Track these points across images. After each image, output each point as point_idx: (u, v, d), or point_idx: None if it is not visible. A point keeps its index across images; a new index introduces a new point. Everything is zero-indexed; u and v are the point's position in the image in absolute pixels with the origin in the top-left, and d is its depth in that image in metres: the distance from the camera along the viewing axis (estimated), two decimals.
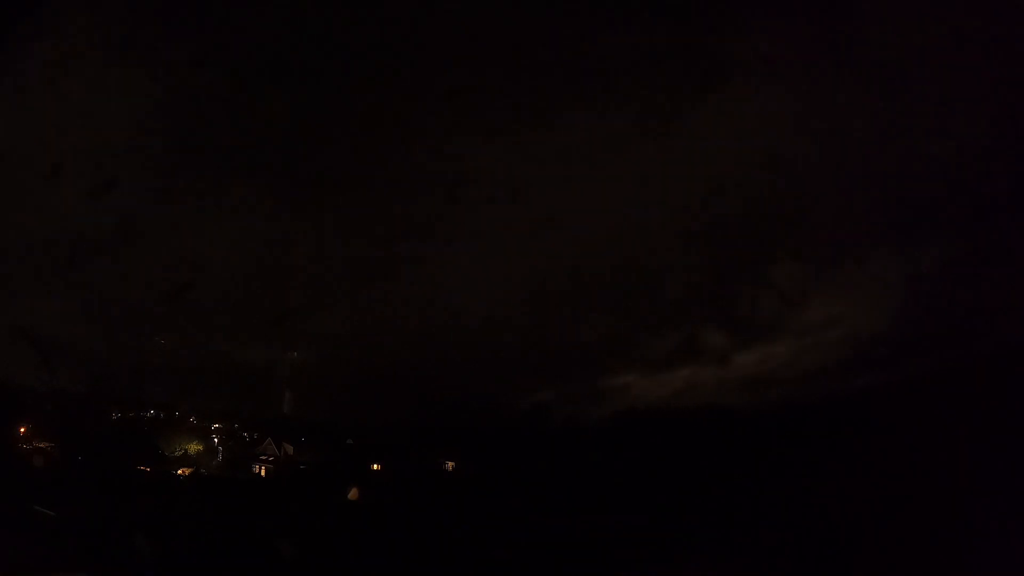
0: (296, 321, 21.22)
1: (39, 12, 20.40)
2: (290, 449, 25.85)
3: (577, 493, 17.33)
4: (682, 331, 19.94)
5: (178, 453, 25.25)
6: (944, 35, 18.14)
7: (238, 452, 26.07)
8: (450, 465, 24.03)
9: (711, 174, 19.84)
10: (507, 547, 14.11)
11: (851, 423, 15.33)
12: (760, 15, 19.09)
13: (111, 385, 23.22)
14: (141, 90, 22.76)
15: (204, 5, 21.97)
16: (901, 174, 19.27)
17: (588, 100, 20.94)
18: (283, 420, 26.42)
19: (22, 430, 22.84)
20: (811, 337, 19.92)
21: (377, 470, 24.35)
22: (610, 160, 20.52)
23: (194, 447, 25.64)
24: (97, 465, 21.82)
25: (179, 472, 24.41)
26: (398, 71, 21.43)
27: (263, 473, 25.16)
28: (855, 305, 20.18)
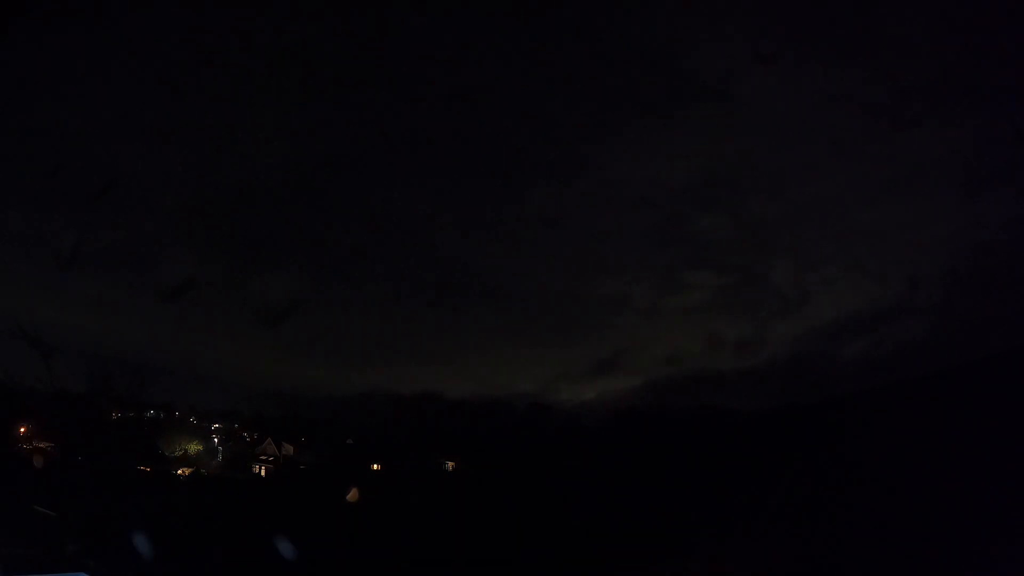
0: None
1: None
2: (290, 449, 25.88)
3: (576, 492, 17.35)
4: None
5: (178, 453, 25.26)
6: None
7: (238, 452, 26.09)
8: (450, 465, 24.08)
9: None
10: (507, 546, 14.15)
11: (851, 423, 15.37)
12: None
13: (111, 385, 23.23)
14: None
15: None
16: None
17: None
18: (283, 420, 26.43)
19: (22, 430, 22.83)
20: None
21: (377, 470, 24.39)
22: None
23: (194, 447, 25.66)
24: (97, 465, 21.79)
25: (179, 472, 24.41)
26: None
27: (263, 473, 25.18)
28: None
